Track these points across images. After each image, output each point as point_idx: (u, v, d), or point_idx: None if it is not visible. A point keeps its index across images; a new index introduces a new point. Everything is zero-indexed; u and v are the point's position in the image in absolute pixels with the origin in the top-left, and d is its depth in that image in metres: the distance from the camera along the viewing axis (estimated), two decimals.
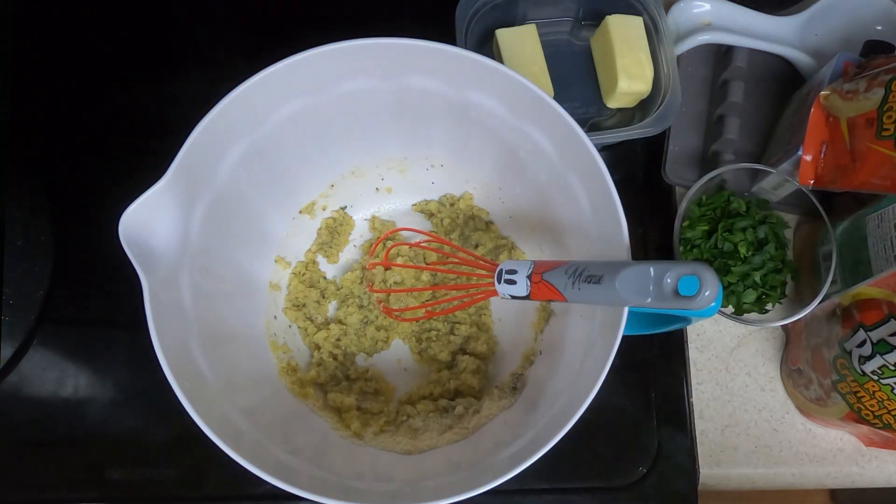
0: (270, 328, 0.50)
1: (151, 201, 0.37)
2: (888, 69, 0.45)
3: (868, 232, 0.48)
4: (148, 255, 0.37)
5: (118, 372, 0.52)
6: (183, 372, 0.36)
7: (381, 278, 0.52)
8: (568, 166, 0.42)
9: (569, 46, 0.57)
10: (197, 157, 0.39)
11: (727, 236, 0.51)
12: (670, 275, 0.32)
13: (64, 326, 0.53)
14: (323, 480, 0.39)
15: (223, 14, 0.61)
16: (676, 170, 0.56)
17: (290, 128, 0.44)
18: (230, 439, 0.35)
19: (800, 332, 0.52)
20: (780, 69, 0.58)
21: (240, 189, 0.45)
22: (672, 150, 0.56)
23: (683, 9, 0.57)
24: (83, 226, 0.54)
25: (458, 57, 0.40)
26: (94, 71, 0.59)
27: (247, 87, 0.39)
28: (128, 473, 0.50)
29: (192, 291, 0.41)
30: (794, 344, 0.53)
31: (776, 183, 0.52)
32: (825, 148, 0.49)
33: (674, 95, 0.51)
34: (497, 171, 0.50)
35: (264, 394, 0.46)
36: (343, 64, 0.41)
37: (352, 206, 0.55)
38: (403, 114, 0.46)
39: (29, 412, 0.51)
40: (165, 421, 0.50)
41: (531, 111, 0.42)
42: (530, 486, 0.50)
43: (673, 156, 0.56)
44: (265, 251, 0.52)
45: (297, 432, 0.44)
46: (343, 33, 0.39)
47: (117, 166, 0.55)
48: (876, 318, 0.41)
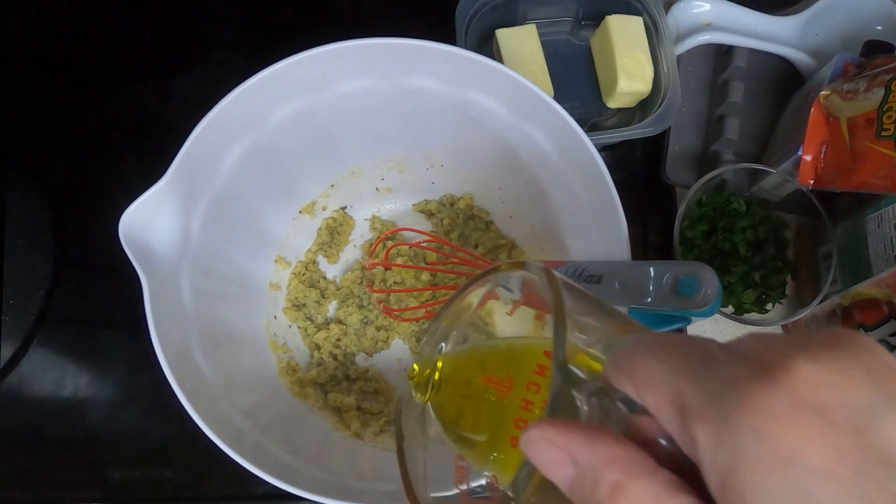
0: (270, 328, 0.50)
1: (151, 201, 0.37)
2: (888, 69, 0.45)
3: (868, 232, 0.48)
4: (148, 255, 0.37)
5: (118, 372, 0.52)
6: (183, 372, 0.36)
7: (380, 278, 0.52)
8: (568, 166, 0.42)
9: (569, 46, 0.57)
10: (197, 157, 0.39)
11: (727, 236, 0.51)
12: (670, 275, 0.32)
13: (64, 326, 0.53)
14: (323, 480, 0.39)
15: (223, 14, 0.61)
16: (676, 170, 0.56)
17: (291, 128, 0.44)
18: (230, 439, 0.35)
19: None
20: (780, 69, 0.58)
21: (240, 189, 0.45)
22: (672, 150, 0.56)
23: (683, 9, 0.57)
24: (83, 226, 0.55)
25: (458, 57, 0.40)
26: (94, 71, 0.59)
27: (247, 87, 0.39)
28: (128, 473, 0.50)
29: (193, 291, 0.41)
30: None
31: (776, 183, 0.52)
32: (825, 148, 0.49)
33: (674, 95, 0.51)
34: (497, 171, 0.50)
35: (264, 394, 0.46)
36: (343, 64, 0.41)
37: (352, 206, 0.55)
38: (403, 114, 0.46)
39: (29, 412, 0.51)
40: (165, 421, 0.50)
41: (531, 111, 0.42)
42: None
43: (673, 156, 0.56)
44: (265, 251, 0.52)
45: (297, 432, 0.44)
46: (343, 33, 0.39)
47: (117, 166, 0.55)
48: (876, 318, 0.41)
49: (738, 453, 0.14)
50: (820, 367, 0.14)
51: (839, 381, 0.14)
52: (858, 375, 0.14)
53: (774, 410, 0.14)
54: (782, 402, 0.14)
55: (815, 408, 0.14)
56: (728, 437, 0.14)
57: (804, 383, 0.14)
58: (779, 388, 0.14)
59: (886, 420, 0.14)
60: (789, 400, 0.14)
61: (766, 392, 0.14)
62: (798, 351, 0.15)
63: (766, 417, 0.14)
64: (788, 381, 0.14)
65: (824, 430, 0.14)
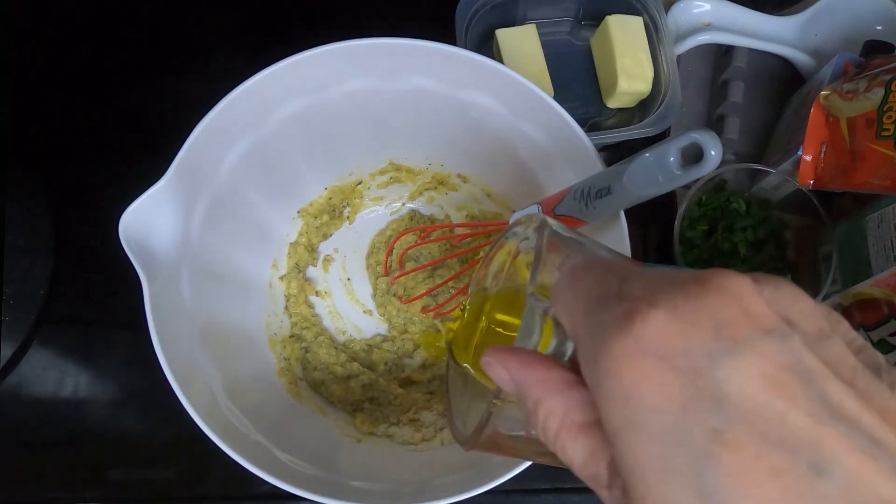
0: (270, 328, 0.50)
1: (151, 201, 0.37)
2: (888, 69, 0.45)
3: (868, 232, 0.48)
4: (148, 255, 0.37)
5: (118, 372, 0.52)
6: (183, 372, 0.36)
7: (403, 286, 0.52)
8: (568, 166, 0.42)
9: (569, 46, 0.57)
10: (197, 156, 0.39)
11: (727, 236, 0.51)
12: (671, 152, 0.32)
13: (64, 326, 0.53)
14: (323, 480, 0.39)
15: (223, 14, 0.61)
16: None
17: (290, 128, 0.44)
18: (230, 439, 0.35)
19: None
20: (780, 69, 0.58)
21: (240, 189, 0.45)
22: None
23: (683, 9, 0.57)
24: (83, 226, 0.54)
25: (458, 57, 0.40)
26: (94, 71, 0.59)
27: (247, 87, 0.39)
28: (128, 473, 0.50)
29: (193, 291, 0.41)
30: None
31: (776, 183, 0.52)
32: (825, 148, 0.49)
33: (674, 95, 0.51)
34: (497, 170, 0.50)
35: (264, 394, 0.46)
36: (343, 64, 0.41)
37: (352, 207, 0.55)
38: (403, 114, 0.46)
39: (29, 412, 0.51)
40: (165, 421, 0.50)
41: (531, 111, 0.42)
42: (530, 486, 0.50)
43: None
44: (265, 251, 0.52)
45: (297, 432, 0.44)
46: (343, 33, 0.39)
47: (117, 166, 0.55)
48: (876, 318, 0.41)
49: (598, 388, 0.17)
50: (672, 318, 0.16)
51: (686, 330, 0.16)
52: (705, 323, 0.16)
53: (624, 356, 0.17)
54: (631, 349, 0.16)
55: (658, 353, 0.16)
56: (593, 374, 0.18)
57: (654, 332, 0.16)
58: (631, 335, 0.17)
59: (722, 362, 0.16)
60: (638, 347, 0.16)
61: (621, 339, 0.17)
62: (662, 297, 0.17)
63: (616, 361, 0.17)
64: (643, 329, 0.16)
65: (662, 372, 0.16)
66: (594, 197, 0.36)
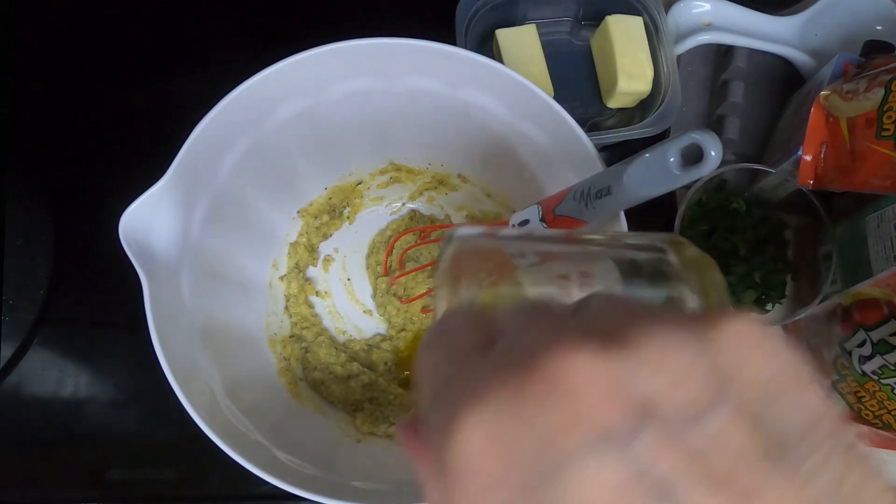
0: (270, 328, 0.50)
1: (151, 201, 0.37)
2: (888, 69, 0.45)
3: (868, 232, 0.48)
4: (148, 255, 0.37)
5: (118, 372, 0.52)
6: (183, 372, 0.36)
7: (404, 287, 0.52)
8: (568, 167, 0.42)
9: (569, 46, 0.57)
10: (197, 156, 0.39)
11: (727, 236, 0.51)
12: (671, 153, 0.31)
13: (64, 326, 0.53)
14: (323, 480, 0.39)
15: (223, 14, 0.61)
16: None
17: (290, 128, 0.44)
18: (230, 439, 0.35)
19: (799, 333, 0.52)
20: (780, 69, 0.58)
21: (240, 189, 0.45)
22: None
23: (683, 9, 0.57)
24: (83, 226, 0.54)
25: (458, 57, 0.40)
26: (94, 71, 0.59)
27: (247, 88, 0.39)
28: (128, 473, 0.50)
29: (193, 291, 0.41)
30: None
31: (776, 183, 0.52)
32: (825, 148, 0.49)
33: (674, 95, 0.51)
34: (497, 170, 0.50)
35: (264, 393, 0.46)
36: (343, 64, 0.41)
37: (352, 207, 0.55)
38: (403, 114, 0.46)
39: (29, 412, 0.51)
40: (165, 421, 0.50)
41: (531, 111, 0.42)
42: None
43: None
44: (265, 251, 0.52)
45: (297, 432, 0.44)
46: (343, 33, 0.39)
47: (117, 166, 0.55)
48: (876, 318, 0.41)
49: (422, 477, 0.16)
50: (492, 433, 0.14)
51: (508, 451, 0.14)
52: (529, 437, 0.14)
53: (452, 471, 0.14)
54: (455, 471, 0.14)
55: (481, 482, 0.14)
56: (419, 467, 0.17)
57: (472, 456, 0.14)
58: (453, 455, 0.14)
59: (552, 484, 0.13)
60: (459, 469, 0.14)
61: (446, 454, 0.14)
62: (485, 399, 0.14)
63: (445, 478, 0.14)
64: (461, 451, 0.14)
65: (489, 495, 0.14)
66: (594, 197, 0.36)
